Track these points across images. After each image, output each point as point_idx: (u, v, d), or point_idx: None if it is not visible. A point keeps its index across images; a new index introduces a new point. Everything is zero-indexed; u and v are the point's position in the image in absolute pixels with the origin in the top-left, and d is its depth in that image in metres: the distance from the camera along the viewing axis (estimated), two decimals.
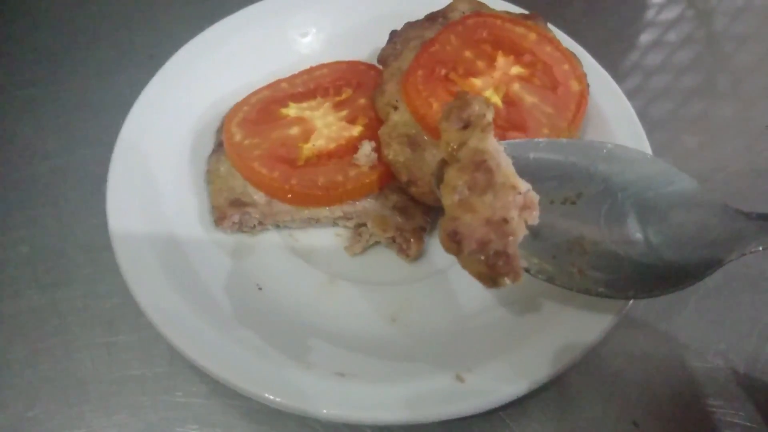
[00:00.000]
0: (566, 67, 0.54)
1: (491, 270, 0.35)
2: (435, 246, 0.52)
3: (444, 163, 0.40)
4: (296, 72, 0.59)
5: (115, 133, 0.52)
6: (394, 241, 0.50)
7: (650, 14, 0.80)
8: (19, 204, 0.57)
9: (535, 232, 0.39)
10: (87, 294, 0.51)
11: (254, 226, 0.51)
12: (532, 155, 0.45)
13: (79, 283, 0.52)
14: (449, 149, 0.40)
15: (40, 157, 0.60)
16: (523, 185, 0.37)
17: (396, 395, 0.40)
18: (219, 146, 0.54)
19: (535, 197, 0.38)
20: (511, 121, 0.49)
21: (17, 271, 0.52)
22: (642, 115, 0.55)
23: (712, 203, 0.42)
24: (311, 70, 0.58)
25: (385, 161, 0.50)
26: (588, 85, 0.54)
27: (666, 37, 0.77)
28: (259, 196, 0.51)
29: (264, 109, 0.54)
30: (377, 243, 0.52)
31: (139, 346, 0.49)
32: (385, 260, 0.51)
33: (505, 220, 0.36)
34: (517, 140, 0.46)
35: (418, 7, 0.59)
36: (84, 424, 0.45)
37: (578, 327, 0.43)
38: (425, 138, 0.50)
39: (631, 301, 0.44)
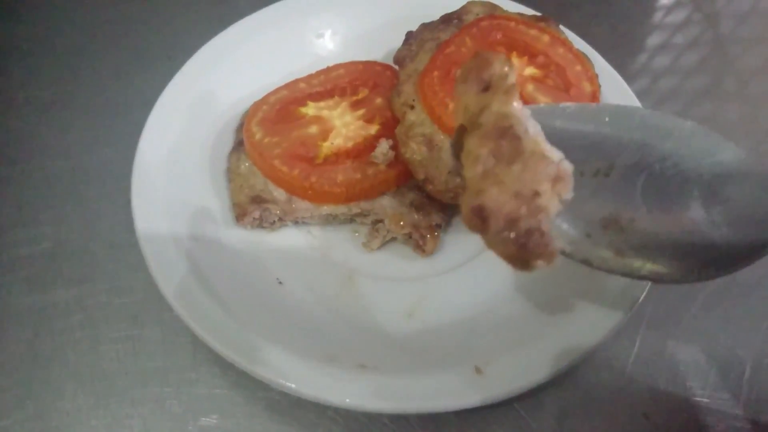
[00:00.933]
0: (579, 68, 0.55)
1: (522, 250, 0.32)
2: (450, 242, 0.53)
3: (463, 130, 0.36)
4: (313, 72, 0.60)
5: (136, 133, 0.53)
6: (410, 237, 0.51)
7: (658, 17, 0.82)
8: (43, 202, 0.58)
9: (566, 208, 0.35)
10: (111, 289, 0.52)
11: (274, 222, 0.52)
12: (558, 123, 0.40)
13: (103, 279, 0.53)
14: (469, 114, 0.35)
15: (63, 157, 0.61)
16: (556, 154, 0.34)
17: (417, 386, 0.41)
18: (239, 144, 0.55)
19: (568, 167, 0.34)
20: None
21: (42, 267, 0.54)
22: None
23: (765, 174, 0.39)
24: (328, 70, 0.60)
25: (402, 159, 0.51)
26: (600, 86, 0.55)
27: (673, 40, 0.78)
28: (279, 193, 0.52)
29: (283, 108, 0.56)
30: (394, 239, 0.53)
31: (162, 339, 0.50)
32: (402, 256, 0.53)
33: (537, 194, 0.32)
34: (541, 105, 0.42)
35: (433, 10, 0.60)
36: (110, 415, 0.46)
37: (591, 322, 0.44)
38: (441, 137, 0.51)
39: (643, 297, 0.45)
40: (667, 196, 0.39)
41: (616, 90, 0.58)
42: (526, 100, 0.52)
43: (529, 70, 0.54)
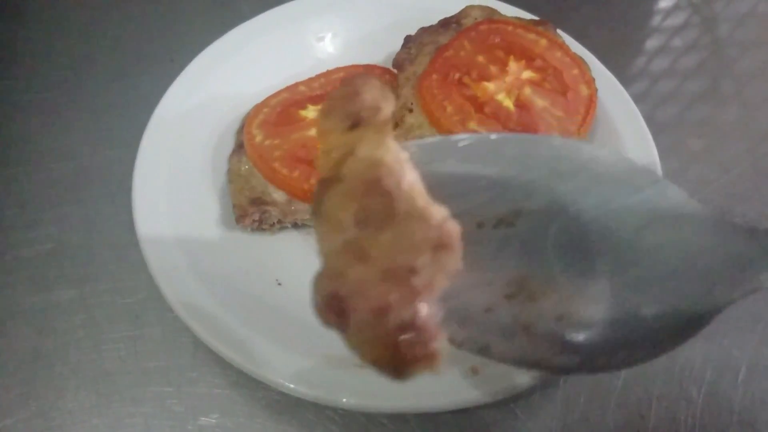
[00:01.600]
0: (576, 71, 0.56)
1: (395, 354, 0.24)
2: None
3: (325, 185, 0.27)
4: (313, 75, 0.61)
5: (138, 134, 0.53)
6: None
7: (656, 20, 0.82)
8: (46, 203, 0.58)
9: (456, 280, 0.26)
10: (113, 289, 0.53)
11: (274, 224, 0.53)
12: (449, 163, 0.32)
13: (105, 279, 0.53)
14: (331, 162, 0.27)
15: (65, 158, 0.62)
16: (437, 212, 0.25)
17: (414, 385, 0.41)
18: (239, 147, 0.56)
19: (454, 229, 0.25)
20: (522, 124, 0.51)
21: (45, 267, 0.54)
22: (648, 119, 0.56)
23: (701, 216, 0.29)
24: (328, 73, 0.60)
25: None
26: (596, 89, 0.55)
27: (672, 43, 0.78)
28: (279, 195, 0.53)
29: (283, 111, 0.56)
30: None
31: (163, 339, 0.50)
32: None
33: (413, 270, 0.24)
34: (428, 140, 0.33)
35: (432, 14, 0.61)
36: (111, 413, 0.47)
37: None
38: None
39: None
40: (583, 250, 0.30)
41: (612, 93, 0.58)
42: (523, 104, 0.53)
43: (527, 74, 0.55)
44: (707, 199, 0.61)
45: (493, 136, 0.33)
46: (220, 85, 0.59)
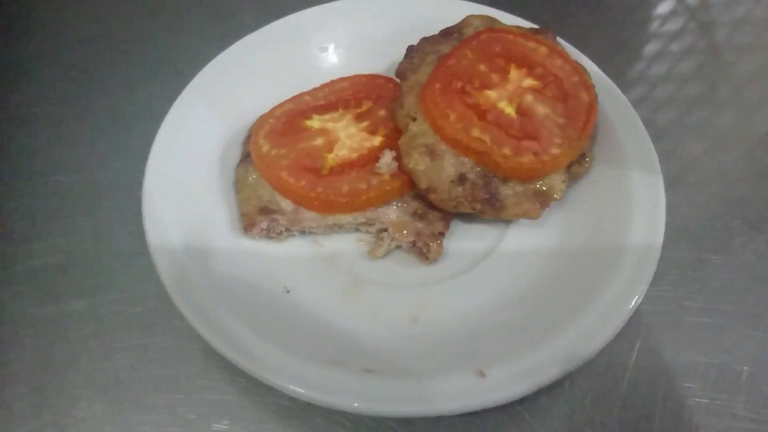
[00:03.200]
0: (576, 79, 0.56)
1: None
2: (452, 250, 0.55)
3: None
4: (317, 85, 0.62)
5: (145, 146, 0.54)
6: (414, 245, 0.53)
7: (654, 26, 0.83)
8: (55, 214, 0.59)
9: None
10: (123, 298, 0.54)
11: (281, 232, 0.53)
12: None
13: (115, 288, 0.54)
14: None
15: (73, 170, 0.63)
16: None
17: (421, 390, 0.42)
18: (246, 157, 0.57)
19: None
20: (524, 131, 0.52)
21: (55, 278, 0.55)
22: (648, 123, 0.57)
23: None
24: (332, 83, 0.61)
25: (405, 170, 0.53)
26: (596, 96, 0.56)
27: (669, 48, 0.79)
28: (285, 204, 0.54)
29: (289, 121, 0.57)
30: (398, 247, 0.54)
31: (173, 347, 0.51)
32: (406, 264, 0.54)
33: None
34: None
35: (432, 23, 0.61)
36: (123, 421, 0.47)
37: (590, 327, 0.45)
38: (443, 147, 0.52)
39: (641, 299, 0.46)
40: None
41: (612, 98, 0.59)
42: (525, 111, 0.54)
43: (528, 82, 0.56)
44: (707, 202, 0.62)
45: None
46: (225, 97, 0.60)
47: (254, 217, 0.53)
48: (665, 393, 0.49)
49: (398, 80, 0.59)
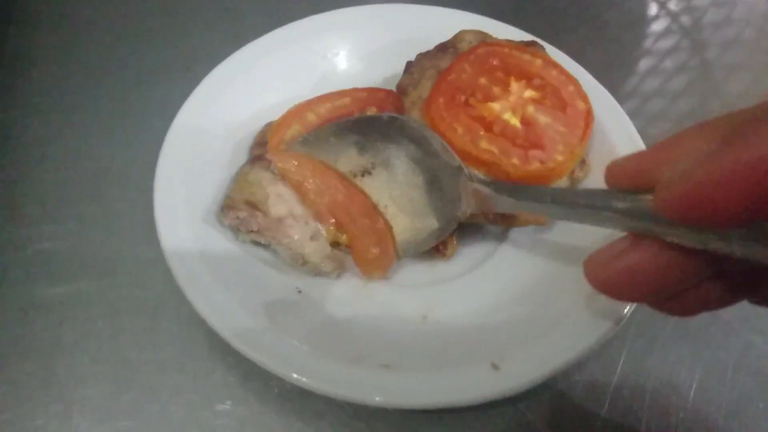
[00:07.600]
0: (571, 88, 0.59)
1: None
2: (460, 250, 0.56)
3: None
4: (319, 92, 0.62)
5: (155, 137, 0.55)
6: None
7: (648, 43, 0.86)
8: (67, 201, 0.61)
9: None
10: (131, 283, 0.55)
11: (251, 231, 0.53)
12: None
13: (123, 273, 0.56)
14: None
15: (85, 159, 0.64)
16: None
17: (440, 382, 0.44)
18: (255, 159, 0.57)
19: None
20: (529, 140, 0.54)
21: (65, 260, 0.56)
22: (641, 135, 0.59)
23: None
24: (332, 99, 0.62)
25: None
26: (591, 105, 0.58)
27: (663, 65, 0.82)
28: (275, 211, 0.53)
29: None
30: None
31: (179, 331, 0.53)
32: (414, 264, 0.55)
33: None
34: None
35: (428, 34, 0.64)
36: (129, 400, 0.49)
37: (595, 319, 0.47)
38: None
39: None
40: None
41: (607, 108, 0.61)
42: (528, 121, 0.55)
43: (528, 93, 0.58)
44: None
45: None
46: (231, 102, 0.61)
47: (238, 204, 0.52)
48: (654, 388, 0.51)
49: (398, 94, 0.60)
